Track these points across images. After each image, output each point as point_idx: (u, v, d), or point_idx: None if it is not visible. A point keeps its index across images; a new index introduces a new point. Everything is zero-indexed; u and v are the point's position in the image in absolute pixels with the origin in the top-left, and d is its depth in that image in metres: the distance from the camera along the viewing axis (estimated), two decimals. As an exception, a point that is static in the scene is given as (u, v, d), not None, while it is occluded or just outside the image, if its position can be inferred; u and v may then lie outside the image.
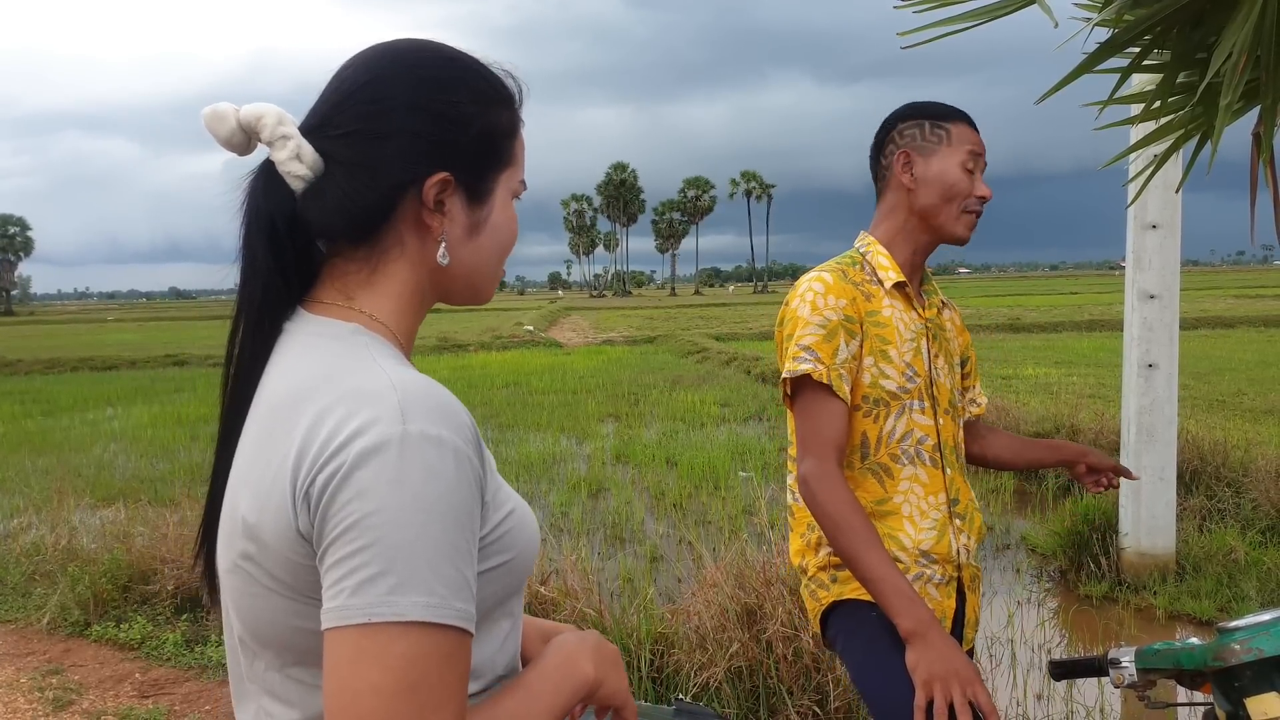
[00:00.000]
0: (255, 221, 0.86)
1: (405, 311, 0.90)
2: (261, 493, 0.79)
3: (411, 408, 0.76)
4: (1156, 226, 4.77)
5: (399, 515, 0.72)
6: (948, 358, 1.87)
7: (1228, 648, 1.26)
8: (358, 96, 0.87)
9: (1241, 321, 24.43)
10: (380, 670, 0.71)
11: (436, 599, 0.72)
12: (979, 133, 1.83)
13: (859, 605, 1.73)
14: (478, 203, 0.90)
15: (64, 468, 8.60)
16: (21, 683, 3.96)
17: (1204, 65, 2.00)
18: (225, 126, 0.86)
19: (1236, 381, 12.25)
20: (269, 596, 0.80)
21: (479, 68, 0.92)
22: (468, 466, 0.77)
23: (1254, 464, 5.89)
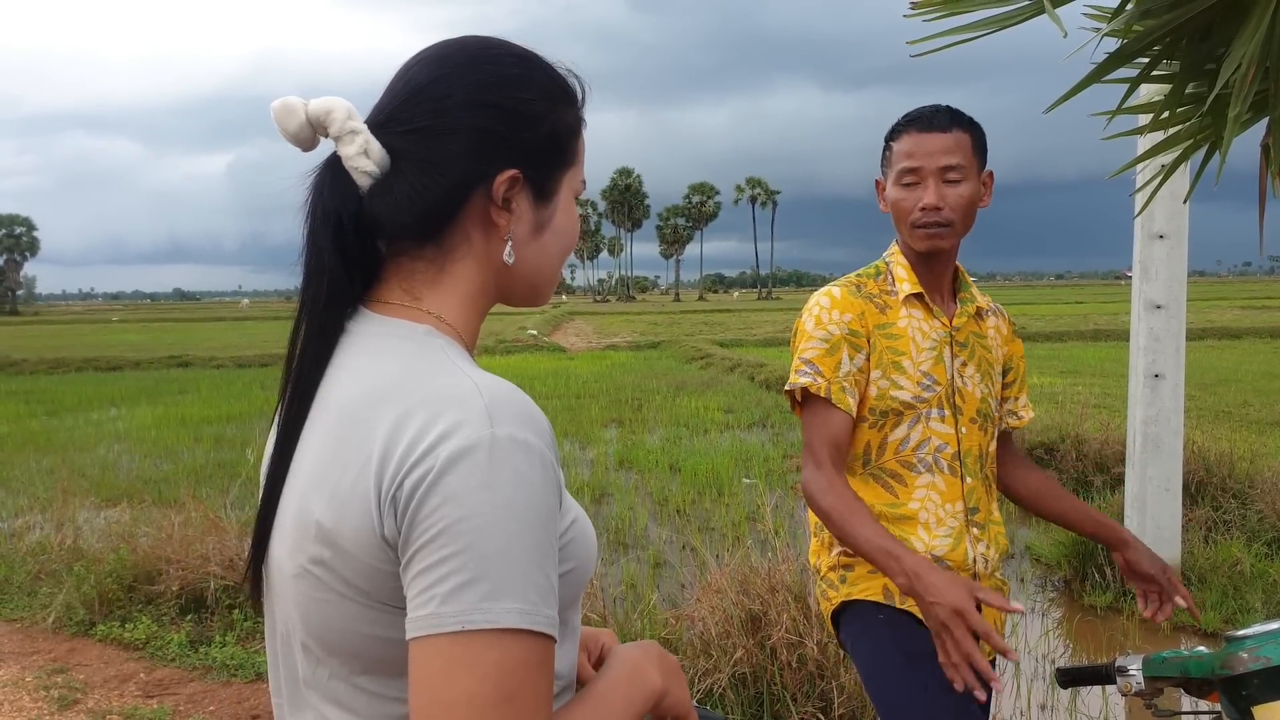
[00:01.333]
0: (321, 218, 0.84)
1: (470, 312, 0.89)
2: (339, 497, 0.77)
3: (499, 411, 0.75)
4: (1163, 237, 4.76)
5: (491, 521, 0.71)
6: (981, 366, 1.84)
7: (1235, 656, 1.26)
8: (426, 92, 0.86)
9: (1248, 332, 24.37)
10: (476, 680, 0.69)
11: (530, 605, 0.71)
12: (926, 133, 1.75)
13: (867, 607, 1.76)
14: (543, 201, 0.90)
15: (68, 468, 8.61)
16: (27, 681, 3.97)
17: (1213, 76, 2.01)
18: (294, 120, 0.85)
19: (1243, 392, 12.22)
20: (342, 603, 0.78)
21: (546, 66, 0.92)
22: (552, 472, 0.76)
23: (1260, 475, 5.87)
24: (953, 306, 1.86)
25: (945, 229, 1.76)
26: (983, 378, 1.84)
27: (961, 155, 1.75)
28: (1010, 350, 1.95)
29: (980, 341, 1.86)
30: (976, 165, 1.78)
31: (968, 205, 1.77)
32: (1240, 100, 1.81)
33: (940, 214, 1.75)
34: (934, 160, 1.74)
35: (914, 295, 1.82)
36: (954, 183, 1.75)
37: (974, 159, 1.77)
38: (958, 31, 2.14)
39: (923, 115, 1.78)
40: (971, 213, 1.79)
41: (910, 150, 1.77)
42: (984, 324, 1.89)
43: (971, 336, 1.85)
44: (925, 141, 1.75)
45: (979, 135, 1.80)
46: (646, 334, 30.88)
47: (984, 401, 1.83)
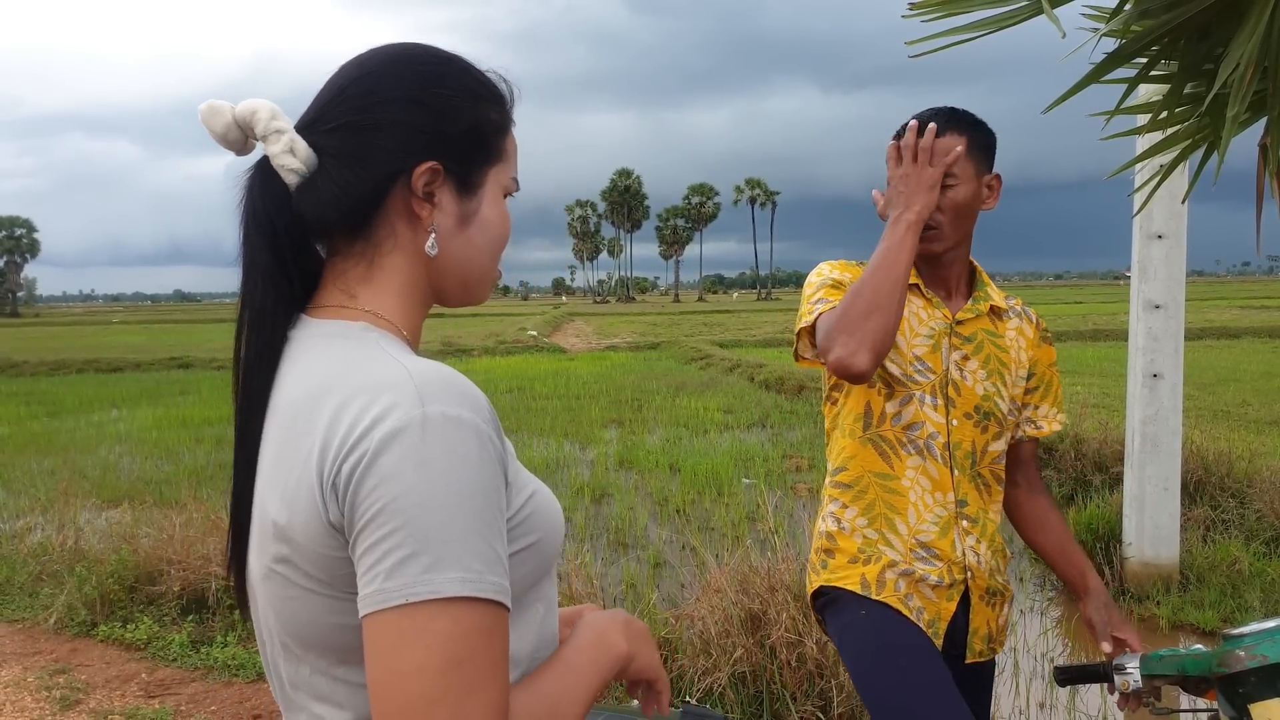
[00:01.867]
0: (253, 218, 0.87)
1: (407, 307, 0.91)
2: (289, 493, 0.79)
3: (429, 391, 0.77)
4: (1162, 237, 4.78)
5: (427, 496, 0.73)
6: (990, 364, 1.83)
7: (1233, 654, 1.27)
8: (349, 91, 0.89)
9: (1247, 332, 24.38)
10: (424, 649, 0.71)
11: (473, 574, 0.73)
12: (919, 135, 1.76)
13: (849, 599, 1.77)
14: (467, 195, 0.91)
15: (69, 469, 8.61)
16: (29, 682, 3.98)
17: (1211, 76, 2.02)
18: (221, 121, 0.87)
19: (1241, 392, 12.23)
20: (308, 597, 0.80)
21: (470, 67, 0.94)
22: (490, 445, 0.78)
23: (1258, 475, 5.88)
24: (962, 301, 1.86)
25: (935, 231, 1.75)
26: (989, 375, 1.82)
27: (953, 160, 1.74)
28: (1036, 355, 1.91)
29: (993, 340, 1.85)
30: (973, 167, 1.76)
31: (959, 210, 1.75)
32: (1238, 100, 1.81)
33: (932, 217, 1.74)
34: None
35: (911, 285, 1.82)
36: (946, 188, 1.74)
37: (968, 163, 1.76)
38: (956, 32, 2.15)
39: (922, 118, 1.79)
40: (965, 216, 1.77)
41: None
42: (1002, 324, 1.88)
43: (981, 333, 1.84)
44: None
45: (978, 137, 1.78)
46: (646, 335, 30.89)
47: (987, 400, 1.82)
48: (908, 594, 1.75)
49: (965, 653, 1.82)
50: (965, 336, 1.83)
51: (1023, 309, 1.94)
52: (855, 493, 1.82)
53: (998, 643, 1.88)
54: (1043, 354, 1.92)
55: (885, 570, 1.76)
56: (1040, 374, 1.91)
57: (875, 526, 1.78)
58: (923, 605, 1.75)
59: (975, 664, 1.84)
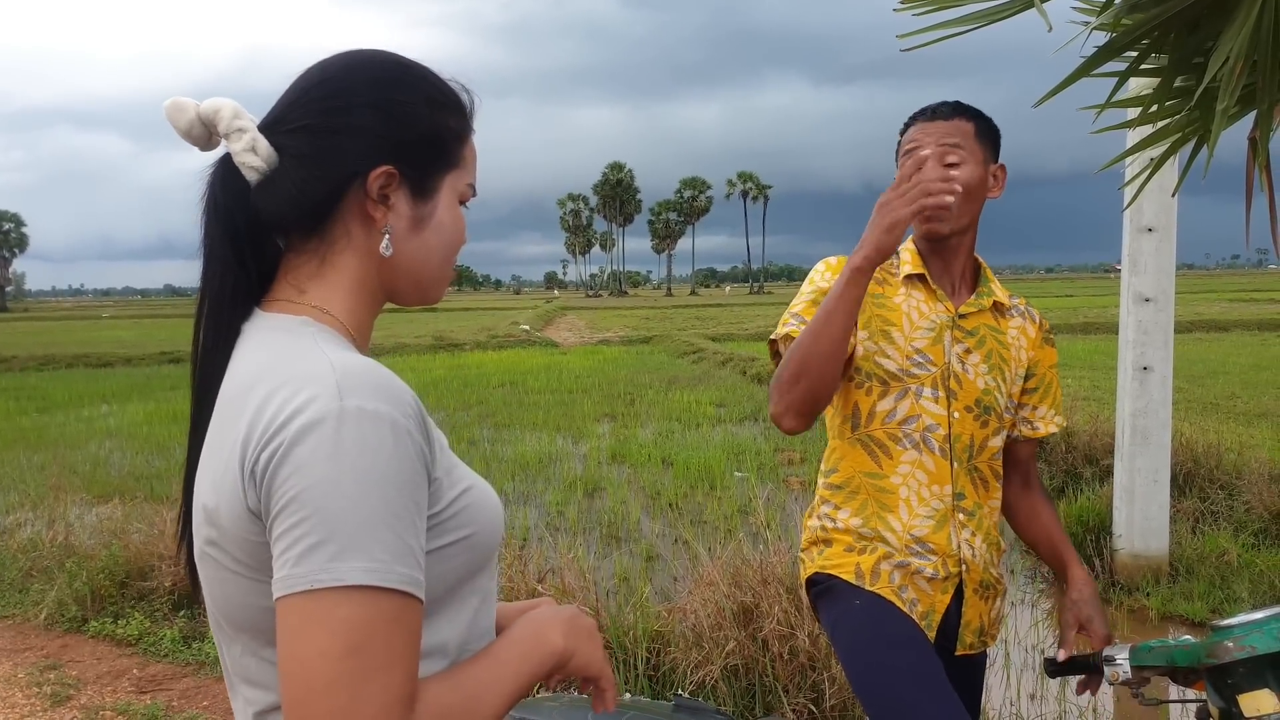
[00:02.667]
0: (214, 213, 0.90)
1: (355, 304, 0.93)
2: (217, 478, 0.82)
3: (349, 385, 0.79)
4: (1152, 230, 4.79)
5: (336, 486, 0.75)
6: (992, 359, 1.83)
7: (1221, 645, 1.28)
8: (312, 94, 0.91)
9: (1235, 325, 24.51)
10: (326, 635, 0.73)
11: (377, 564, 0.75)
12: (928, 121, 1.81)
13: (844, 589, 1.77)
14: (422, 199, 0.94)
15: (59, 464, 8.57)
16: (19, 678, 3.97)
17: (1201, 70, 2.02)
18: (185, 118, 0.90)
19: (1230, 385, 12.29)
20: (235, 580, 0.82)
21: (431, 76, 0.97)
22: (407, 439, 0.79)
23: (1247, 467, 5.92)
24: (965, 296, 1.86)
25: (941, 211, 1.76)
26: (990, 369, 1.83)
27: (961, 139, 1.77)
28: (1037, 356, 1.91)
29: (995, 336, 1.85)
30: (981, 152, 1.79)
31: (967, 189, 1.76)
32: (1228, 94, 1.82)
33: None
34: (933, 141, 1.77)
35: (914, 275, 1.84)
36: (953, 165, 1.76)
37: (976, 145, 1.78)
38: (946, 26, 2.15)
39: (926, 108, 1.83)
40: (972, 197, 1.78)
41: (912, 136, 1.81)
42: (1004, 321, 1.88)
43: (984, 328, 1.84)
44: (927, 129, 1.79)
45: (984, 124, 1.81)
46: (639, 329, 30.87)
47: (988, 393, 1.82)
48: (902, 585, 1.76)
49: (955, 645, 1.83)
50: (968, 330, 1.83)
51: (1026, 308, 1.94)
52: (846, 493, 1.82)
53: (989, 636, 1.88)
54: (1044, 355, 1.92)
55: (880, 561, 1.77)
56: (1040, 375, 1.91)
57: (870, 525, 1.79)
58: (916, 597, 1.76)
59: (965, 656, 1.84)
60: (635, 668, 3.38)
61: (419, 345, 23.66)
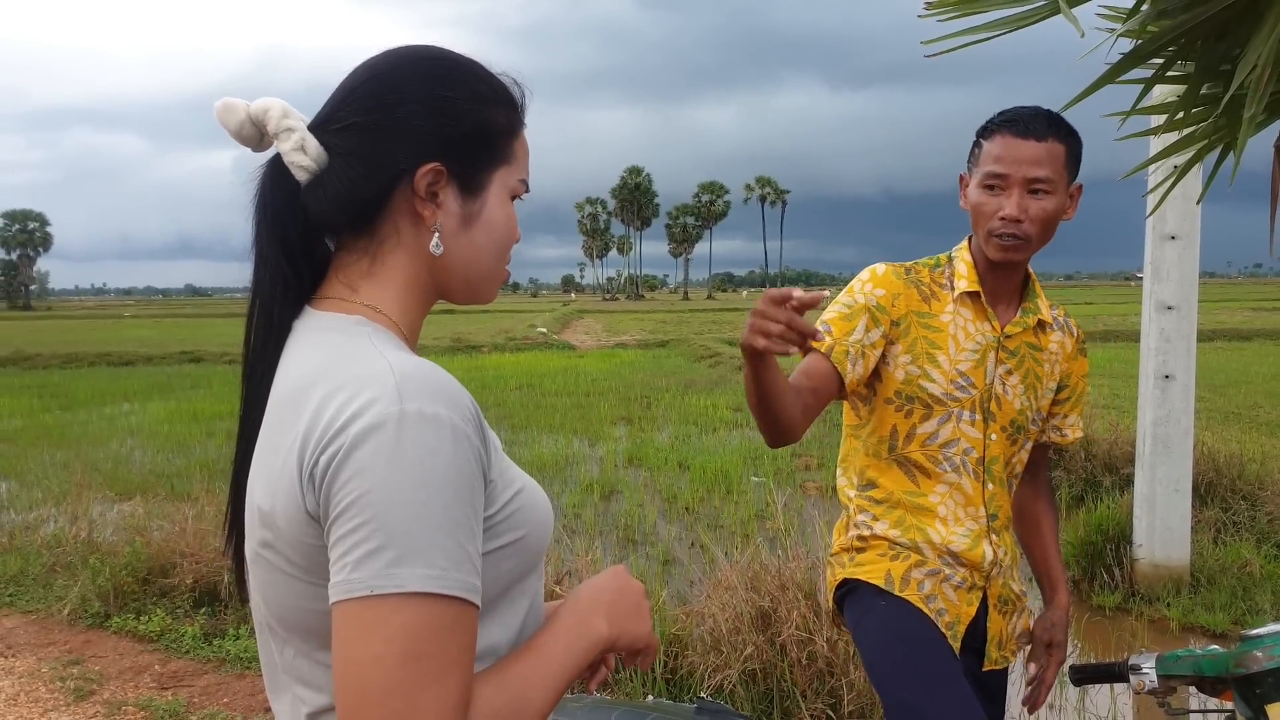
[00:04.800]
0: (264, 214, 0.90)
1: (407, 303, 0.93)
2: (273, 480, 0.82)
3: (409, 388, 0.78)
4: (1175, 237, 4.76)
5: (396, 491, 0.74)
6: (1028, 379, 1.80)
7: (1250, 655, 1.27)
8: (359, 92, 0.91)
9: (1258, 334, 24.25)
10: (383, 641, 0.73)
11: (437, 570, 0.74)
12: (1020, 139, 1.67)
13: (870, 591, 1.77)
14: (471, 196, 0.93)
15: (82, 461, 8.67)
16: (43, 672, 4.02)
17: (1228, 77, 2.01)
18: (235, 118, 0.90)
19: (1252, 394, 12.17)
20: (290, 582, 0.82)
21: (481, 71, 0.95)
22: (466, 443, 0.79)
23: (1270, 477, 5.87)
24: (1011, 314, 1.81)
25: (1022, 242, 1.69)
26: (1026, 390, 1.79)
27: (1052, 168, 1.67)
28: (1071, 367, 1.87)
29: (1034, 354, 1.81)
30: (1067, 178, 1.70)
31: (1049, 221, 1.69)
32: (1255, 101, 1.81)
33: (1020, 227, 1.68)
34: (1022, 169, 1.66)
35: (969, 294, 1.78)
36: (1039, 195, 1.67)
37: (1065, 172, 1.69)
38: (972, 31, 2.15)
39: (1020, 117, 1.69)
40: (1052, 227, 1.72)
41: (1000, 154, 1.68)
42: (1045, 337, 1.83)
43: (1024, 347, 1.80)
44: (1017, 148, 1.67)
45: (1075, 146, 1.71)
46: (655, 332, 30.87)
47: (1022, 414, 1.79)
48: (931, 594, 1.75)
49: (982, 662, 1.82)
50: (1010, 350, 1.79)
51: (1064, 320, 1.89)
52: (886, 507, 1.81)
53: (1008, 649, 1.87)
54: (1077, 366, 1.88)
55: (912, 569, 1.76)
56: (1073, 385, 1.88)
57: (908, 535, 1.78)
58: (944, 606, 1.75)
59: (991, 671, 1.84)
60: (653, 670, 3.38)
61: (437, 346, 23.76)
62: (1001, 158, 1.68)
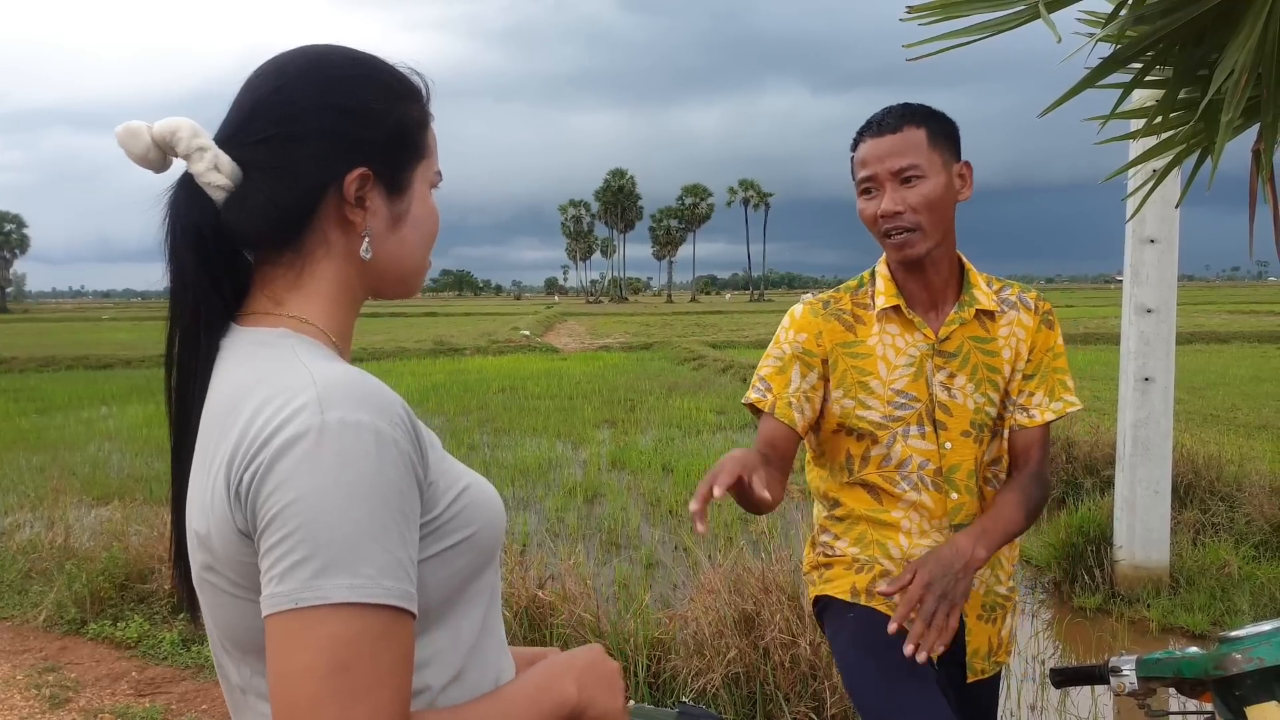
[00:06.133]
0: (181, 234, 0.87)
1: (336, 310, 0.92)
2: (205, 502, 0.81)
3: (331, 397, 0.77)
4: (1155, 241, 4.80)
5: (318, 501, 0.73)
6: (978, 374, 1.75)
7: (1229, 657, 1.27)
8: (268, 101, 0.88)
9: (1236, 337, 24.51)
10: (311, 653, 0.72)
11: (362, 579, 0.73)
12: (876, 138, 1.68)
13: (840, 605, 1.79)
14: (397, 195, 0.92)
15: (59, 466, 8.57)
16: (18, 680, 3.96)
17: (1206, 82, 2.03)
18: (140, 143, 0.87)
19: (1230, 396, 12.29)
20: (235, 603, 0.81)
21: (384, 65, 0.94)
22: (392, 448, 0.77)
23: (1248, 479, 5.92)
24: (948, 309, 1.76)
25: (912, 234, 1.67)
26: (978, 387, 1.74)
27: (915, 154, 1.65)
28: (1034, 340, 1.78)
29: (980, 347, 1.75)
30: (939, 157, 1.67)
31: (932, 204, 1.66)
32: (1233, 106, 1.83)
33: (901, 219, 1.66)
34: (885, 164, 1.66)
35: (890, 309, 1.76)
36: (911, 182, 1.65)
37: (932, 153, 1.66)
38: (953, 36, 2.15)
39: (873, 120, 1.71)
40: (940, 210, 1.67)
41: (864, 158, 1.70)
42: (994, 325, 1.77)
43: (968, 343, 1.75)
44: (875, 147, 1.68)
45: (937, 126, 1.69)
46: (639, 335, 30.88)
47: (979, 413, 1.74)
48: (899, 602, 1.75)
49: (965, 673, 1.79)
50: (949, 354, 1.75)
51: (1019, 297, 1.81)
52: (847, 524, 1.82)
53: (1001, 654, 1.84)
54: (1041, 338, 1.79)
55: (877, 579, 1.76)
56: (1037, 360, 1.78)
57: (867, 553, 1.78)
58: None
59: (978, 681, 1.81)
60: (636, 675, 3.37)
61: (419, 350, 23.66)
62: (866, 160, 1.70)
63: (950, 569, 1.55)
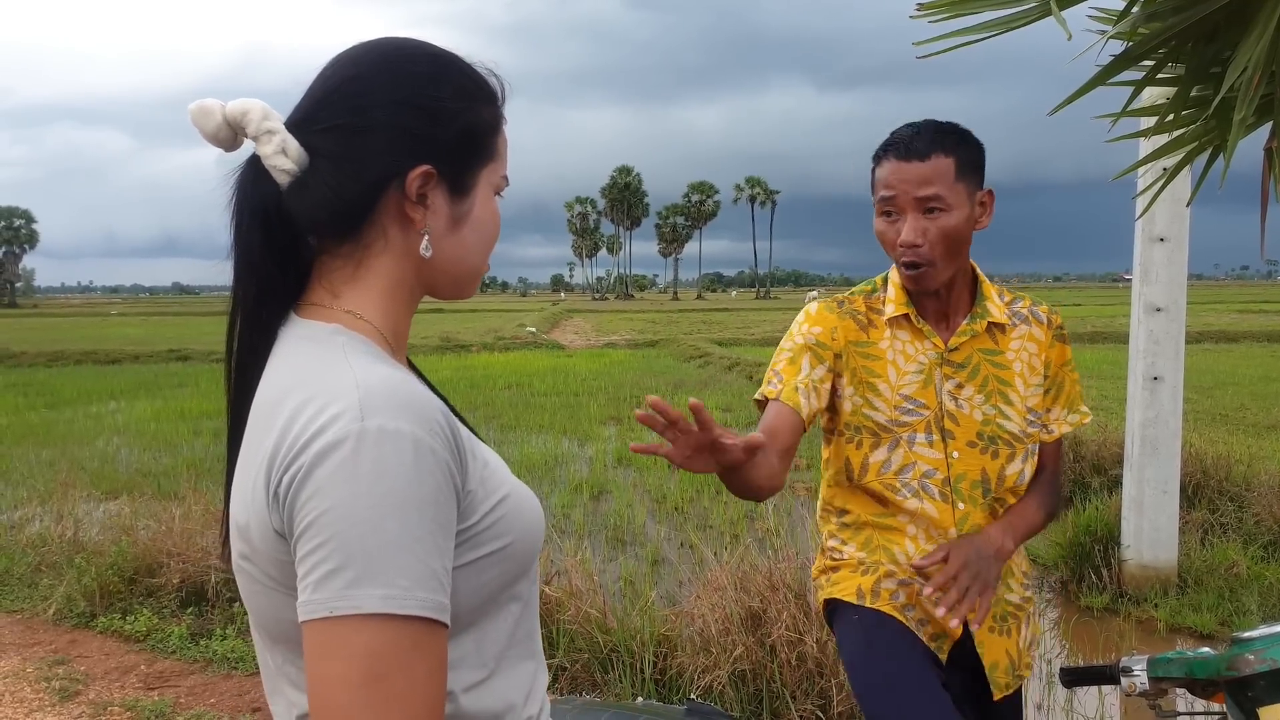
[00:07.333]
0: (249, 215, 0.87)
1: (391, 307, 0.91)
2: (246, 495, 0.82)
3: (371, 403, 0.77)
4: (1164, 239, 4.78)
5: (354, 510, 0.73)
6: (988, 386, 1.74)
7: (1242, 658, 1.27)
8: (342, 91, 0.88)
9: (1245, 336, 24.41)
10: (344, 663, 0.72)
11: (397, 590, 0.73)
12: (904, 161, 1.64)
13: (846, 607, 1.78)
14: (460, 196, 0.92)
15: (68, 460, 8.61)
16: (28, 672, 3.98)
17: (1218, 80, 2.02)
18: (212, 121, 0.87)
19: (1239, 396, 12.24)
20: (269, 594, 0.82)
21: (462, 65, 0.93)
22: (430, 458, 0.77)
23: (1256, 478, 5.89)
24: (960, 320, 1.76)
25: (926, 267, 1.66)
26: (988, 398, 1.73)
27: (941, 185, 1.63)
28: (1048, 357, 1.79)
29: (990, 359, 1.75)
30: (965, 189, 1.66)
31: (950, 239, 1.65)
32: (1245, 104, 1.82)
33: (919, 252, 1.65)
34: (910, 191, 1.64)
35: (900, 316, 1.76)
36: (935, 213, 1.64)
37: (959, 185, 1.65)
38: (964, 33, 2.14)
39: (902, 139, 1.67)
40: (956, 243, 1.67)
41: (888, 179, 1.67)
42: (1004, 339, 1.77)
43: (977, 354, 1.75)
44: (902, 171, 1.65)
45: (966, 155, 1.67)
46: (645, 332, 30.86)
47: (988, 424, 1.73)
48: (907, 605, 1.74)
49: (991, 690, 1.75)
50: (958, 364, 1.74)
51: (1030, 310, 1.81)
52: (853, 530, 1.81)
53: (1023, 666, 1.81)
54: (1056, 353, 1.80)
55: (882, 580, 1.76)
56: (1052, 375, 1.80)
57: (873, 557, 1.78)
58: (924, 617, 1.74)
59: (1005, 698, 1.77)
60: (642, 671, 3.38)
61: (426, 346, 23.69)
62: (890, 183, 1.66)
63: (983, 553, 1.61)
